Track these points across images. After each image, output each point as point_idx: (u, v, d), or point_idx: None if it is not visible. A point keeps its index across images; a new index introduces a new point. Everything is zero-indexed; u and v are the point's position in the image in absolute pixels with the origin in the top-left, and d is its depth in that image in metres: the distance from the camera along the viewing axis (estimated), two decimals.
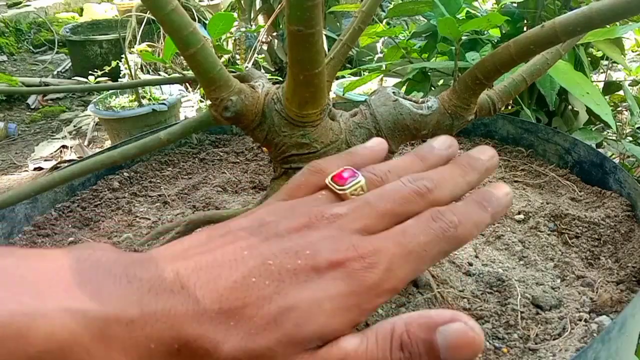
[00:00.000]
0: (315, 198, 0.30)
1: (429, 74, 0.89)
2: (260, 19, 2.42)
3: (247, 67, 1.96)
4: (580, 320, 0.36)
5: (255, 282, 0.25)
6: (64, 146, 2.03)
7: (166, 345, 0.24)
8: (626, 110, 1.19)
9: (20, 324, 0.21)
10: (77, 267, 0.24)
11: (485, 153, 0.31)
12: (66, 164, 0.57)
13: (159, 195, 0.57)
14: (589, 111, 0.93)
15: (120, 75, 1.95)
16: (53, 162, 1.89)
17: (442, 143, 0.33)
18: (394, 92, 0.38)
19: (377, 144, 0.33)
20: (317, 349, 0.24)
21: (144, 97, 1.76)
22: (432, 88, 0.90)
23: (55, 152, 2.01)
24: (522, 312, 0.37)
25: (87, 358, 0.22)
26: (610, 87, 1.07)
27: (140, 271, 0.25)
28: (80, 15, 3.76)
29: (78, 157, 1.87)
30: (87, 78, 1.98)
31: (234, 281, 0.25)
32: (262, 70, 2.01)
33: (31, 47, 3.36)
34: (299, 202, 0.31)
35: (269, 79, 0.42)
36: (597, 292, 0.39)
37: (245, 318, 0.24)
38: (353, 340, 0.25)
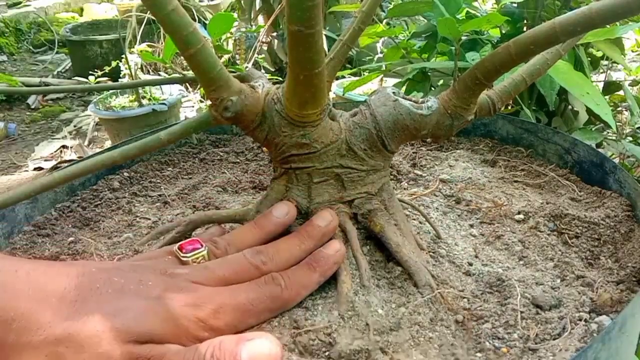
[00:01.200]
0: (162, 260, 0.36)
1: (429, 74, 0.89)
2: (260, 19, 2.42)
3: (247, 67, 1.96)
4: (580, 320, 0.36)
5: (99, 288, 0.30)
6: (64, 146, 2.03)
7: (4, 311, 0.26)
8: (626, 110, 1.19)
9: None
10: None
11: (324, 219, 0.37)
12: (66, 164, 0.57)
13: (159, 195, 0.57)
14: (588, 111, 0.93)
15: (121, 75, 1.95)
16: (53, 162, 1.89)
17: (280, 211, 0.38)
18: (393, 92, 0.38)
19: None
20: (143, 343, 0.28)
21: (144, 97, 1.76)
22: (432, 88, 0.90)
23: (55, 152, 2.01)
24: (522, 312, 0.37)
25: None
26: (610, 87, 1.08)
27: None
28: (80, 15, 3.76)
29: (78, 157, 1.87)
30: (87, 78, 1.98)
31: (79, 282, 0.29)
32: (262, 70, 2.01)
33: (31, 47, 3.36)
34: (147, 262, 0.35)
35: (269, 79, 0.42)
36: (597, 292, 0.39)
37: (84, 309, 0.28)
38: (177, 346, 0.29)
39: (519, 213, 0.49)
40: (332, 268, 0.36)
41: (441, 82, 0.91)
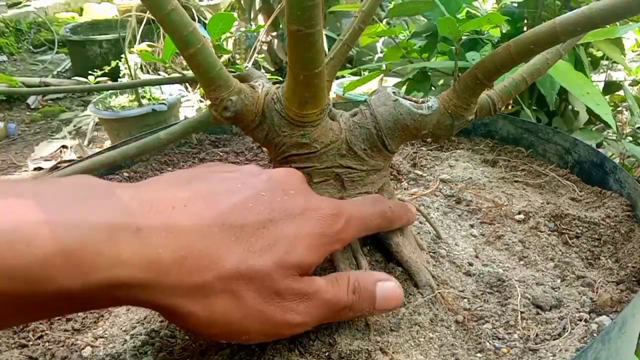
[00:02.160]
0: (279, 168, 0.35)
1: (429, 73, 0.89)
2: (260, 18, 2.42)
3: (246, 67, 1.96)
4: (580, 320, 0.36)
5: (252, 207, 0.29)
6: (63, 146, 2.03)
7: (174, 252, 0.26)
8: (626, 110, 1.19)
9: (28, 231, 0.23)
10: (74, 188, 0.26)
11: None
12: (66, 164, 0.57)
13: None
14: (589, 111, 0.93)
15: (120, 75, 1.95)
16: (53, 162, 1.88)
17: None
18: (394, 92, 0.38)
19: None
20: (300, 276, 0.29)
21: (143, 97, 1.76)
22: (433, 88, 0.90)
23: (55, 152, 2.01)
24: (522, 312, 0.37)
25: (95, 261, 0.24)
26: (610, 87, 1.07)
27: (138, 192, 0.28)
28: (80, 15, 3.76)
29: (78, 157, 1.87)
30: (87, 78, 1.98)
31: (233, 204, 0.29)
32: (262, 70, 2.01)
33: (31, 47, 3.35)
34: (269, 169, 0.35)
35: (269, 78, 0.42)
36: (597, 292, 0.39)
37: (244, 237, 0.28)
38: (322, 279, 0.31)
39: (519, 213, 0.49)
40: (409, 220, 0.39)
41: (441, 81, 0.91)
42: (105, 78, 2.00)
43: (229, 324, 0.28)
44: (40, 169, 1.87)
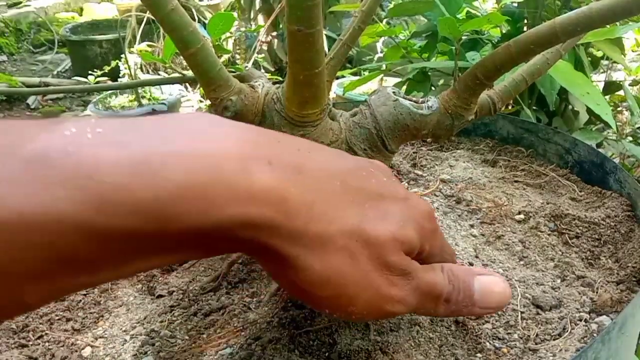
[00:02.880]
0: None
1: (429, 73, 0.89)
2: (260, 18, 2.42)
3: (246, 67, 1.96)
4: (580, 320, 0.36)
5: (366, 176, 0.29)
6: None
7: (304, 195, 0.24)
8: (626, 110, 1.19)
9: (155, 162, 0.21)
10: (198, 121, 0.24)
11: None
12: None
13: None
14: (589, 111, 0.93)
15: (120, 75, 1.95)
16: None
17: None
18: (394, 92, 0.38)
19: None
20: (403, 254, 0.28)
21: (143, 97, 1.76)
22: (433, 88, 0.90)
23: None
24: (522, 312, 0.37)
25: (228, 193, 0.22)
26: (611, 87, 1.07)
27: (261, 131, 0.27)
28: (80, 15, 3.76)
29: None
30: (86, 78, 1.98)
31: (350, 167, 0.28)
32: (262, 70, 2.01)
33: (31, 47, 3.35)
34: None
35: (268, 78, 0.42)
36: (597, 292, 0.39)
37: (359, 201, 0.27)
38: (421, 266, 0.29)
39: (519, 213, 0.49)
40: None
41: (441, 81, 0.91)
42: (105, 78, 2.00)
43: (343, 286, 0.26)
44: None
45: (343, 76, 1.73)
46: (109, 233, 0.20)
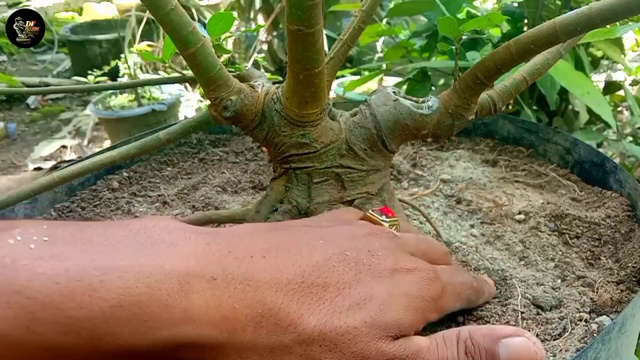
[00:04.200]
0: (359, 223, 0.32)
1: (430, 73, 0.89)
2: (260, 18, 2.41)
3: (246, 66, 1.96)
4: (580, 320, 0.36)
5: (336, 267, 0.26)
6: (63, 146, 2.03)
7: (250, 308, 0.23)
8: (626, 110, 1.19)
9: (92, 279, 0.20)
10: (147, 231, 0.23)
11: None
12: (66, 164, 0.57)
13: (159, 195, 0.57)
14: (589, 111, 0.93)
15: (120, 75, 1.95)
16: (53, 162, 1.88)
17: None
18: (394, 92, 0.38)
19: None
20: (394, 338, 0.25)
21: (143, 97, 1.76)
22: (433, 88, 0.90)
23: (55, 152, 2.01)
24: (522, 313, 0.37)
25: (164, 314, 0.21)
26: (611, 87, 1.07)
27: (215, 237, 0.25)
28: (80, 15, 3.75)
29: (78, 157, 1.87)
30: (86, 78, 1.98)
31: (315, 261, 0.25)
32: (262, 70, 2.01)
33: (31, 47, 3.35)
34: (348, 220, 0.32)
35: (268, 78, 0.42)
36: (597, 292, 0.39)
37: (327, 297, 0.24)
38: (424, 339, 0.26)
39: (519, 213, 0.49)
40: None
41: (442, 81, 0.91)
42: (105, 78, 2.00)
43: None
44: (40, 169, 1.87)
45: (343, 76, 1.73)
46: (41, 350, 0.20)
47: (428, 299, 0.27)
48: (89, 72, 2.03)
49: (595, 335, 0.34)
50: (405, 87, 0.91)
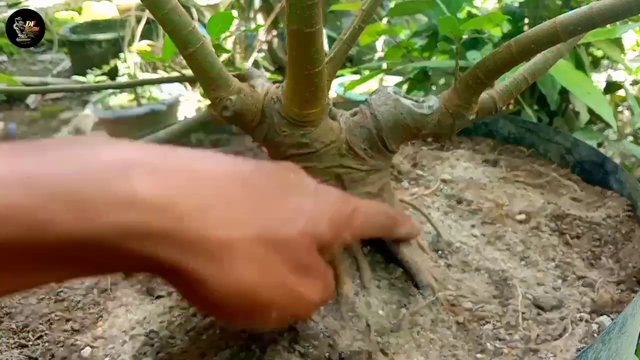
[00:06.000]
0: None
1: (430, 73, 0.89)
2: (260, 18, 2.41)
3: (247, 66, 1.96)
4: (581, 320, 0.36)
5: (269, 177, 0.28)
6: None
7: (196, 198, 0.23)
8: (627, 110, 1.19)
9: (30, 170, 0.20)
10: (80, 139, 0.24)
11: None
12: None
13: None
14: (590, 111, 0.93)
15: (120, 74, 1.95)
16: None
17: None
18: (394, 92, 0.38)
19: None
20: (318, 254, 0.27)
21: (143, 97, 1.76)
22: (433, 87, 0.90)
23: None
24: (523, 313, 0.37)
25: (107, 199, 0.21)
26: (611, 87, 1.07)
27: (151, 145, 0.25)
28: (80, 14, 3.75)
29: None
30: (86, 77, 1.98)
31: (251, 168, 0.27)
32: (262, 69, 2.00)
33: (31, 47, 3.35)
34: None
35: (268, 78, 0.42)
36: (597, 292, 0.39)
37: (264, 202, 0.26)
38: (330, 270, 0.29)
39: (520, 213, 0.49)
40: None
41: (442, 81, 0.90)
42: (105, 78, 2.00)
43: (255, 294, 0.24)
44: None
45: (343, 75, 1.73)
46: None
47: (342, 216, 0.29)
48: (89, 71, 2.03)
49: (595, 335, 0.34)
50: (405, 86, 0.91)
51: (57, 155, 0.21)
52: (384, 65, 0.99)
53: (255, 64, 2.18)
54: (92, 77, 1.99)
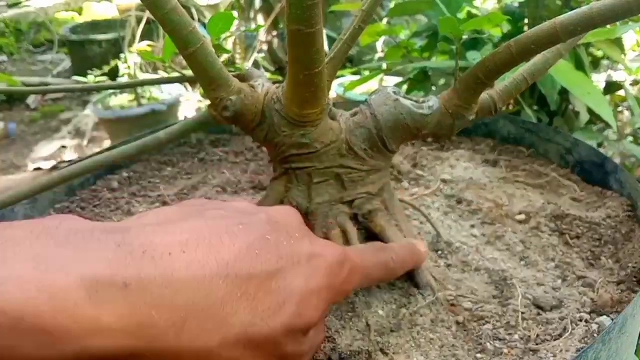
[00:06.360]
0: (264, 207, 0.32)
1: (430, 73, 0.89)
2: (260, 18, 2.41)
3: (247, 66, 1.96)
4: (580, 320, 0.36)
5: (259, 254, 0.25)
6: (63, 146, 2.03)
7: (171, 312, 0.22)
8: (627, 110, 1.19)
9: None
10: (49, 232, 0.22)
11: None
12: (65, 164, 0.57)
13: (158, 195, 0.57)
14: (589, 111, 0.93)
15: (120, 74, 1.95)
16: (52, 162, 1.88)
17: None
18: (394, 92, 0.38)
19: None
20: (302, 338, 0.26)
21: (143, 97, 1.76)
22: (433, 87, 0.90)
23: (54, 152, 2.01)
24: (522, 313, 0.37)
25: (71, 326, 0.20)
26: (611, 87, 1.07)
27: (126, 237, 0.23)
28: (80, 14, 3.75)
29: (77, 157, 1.87)
30: (86, 78, 1.98)
31: (238, 250, 0.24)
32: (262, 70, 2.00)
33: (31, 47, 3.35)
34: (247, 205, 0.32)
35: (268, 78, 0.42)
36: (597, 292, 0.39)
37: (250, 292, 0.24)
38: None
39: (520, 213, 0.49)
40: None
41: (442, 81, 0.90)
42: (105, 78, 2.00)
43: None
44: (39, 169, 1.87)
45: (343, 75, 1.73)
46: None
47: (336, 286, 0.28)
48: (89, 71, 2.03)
49: (595, 335, 0.34)
50: (405, 87, 0.91)
51: (17, 261, 0.20)
52: (384, 66, 0.99)
53: (255, 64, 2.18)
54: (92, 78, 1.99)
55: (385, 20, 1.24)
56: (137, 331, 0.21)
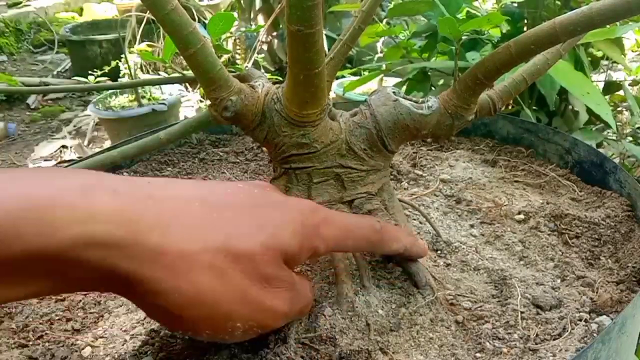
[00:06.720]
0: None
1: (429, 73, 0.89)
2: (260, 18, 2.42)
3: (247, 66, 1.96)
4: (580, 320, 0.36)
5: (233, 193, 0.29)
6: (63, 146, 2.03)
7: (157, 216, 0.24)
8: (626, 110, 1.19)
9: None
10: (56, 169, 0.28)
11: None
12: (66, 164, 0.57)
13: None
14: (589, 111, 0.93)
15: (120, 75, 1.95)
16: (53, 162, 1.88)
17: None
18: (394, 92, 0.38)
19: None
20: (282, 265, 0.28)
21: (143, 97, 1.76)
22: (433, 88, 0.90)
23: (55, 152, 2.01)
24: (522, 313, 0.37)
25: (68, 215, 0.22)
26: (611, 87, 1.07)
27: (111, 174, 0.27)
28: (80, 15, 3.75)
29: (78, 157, 1.87)
30: (86, 78, 1.98)
31: (213, 188, 0.29)
32: (262, 70, 2.01)
33: (31, 47, 3.35)
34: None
35: (268, 78, 0.42)
36: (597, 292, 0.39)
37: (229, 215, 0.27)
38: (301, 281, 0.30)
39: (519, 213, 0.49)
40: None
41: (441, 81, 0.91)
42: (105, 78, 2.00)
43: (216, 304, 0.25)
44: None
45: (343, 76, 1.73)
46: None
47: (309, 226, 0.29)
48: (89, 72, 2.03)
49: (595, 335, 0.34)
50: (405, 87, 0.91)
51: (24, 177, 0.23)
52: (384, 66, 0.99)
53: (256, 65, 2.18)
54: (93, 78, 1.99)
55: (385, 21, 1.24)
56: (127, 223, 0.23)
